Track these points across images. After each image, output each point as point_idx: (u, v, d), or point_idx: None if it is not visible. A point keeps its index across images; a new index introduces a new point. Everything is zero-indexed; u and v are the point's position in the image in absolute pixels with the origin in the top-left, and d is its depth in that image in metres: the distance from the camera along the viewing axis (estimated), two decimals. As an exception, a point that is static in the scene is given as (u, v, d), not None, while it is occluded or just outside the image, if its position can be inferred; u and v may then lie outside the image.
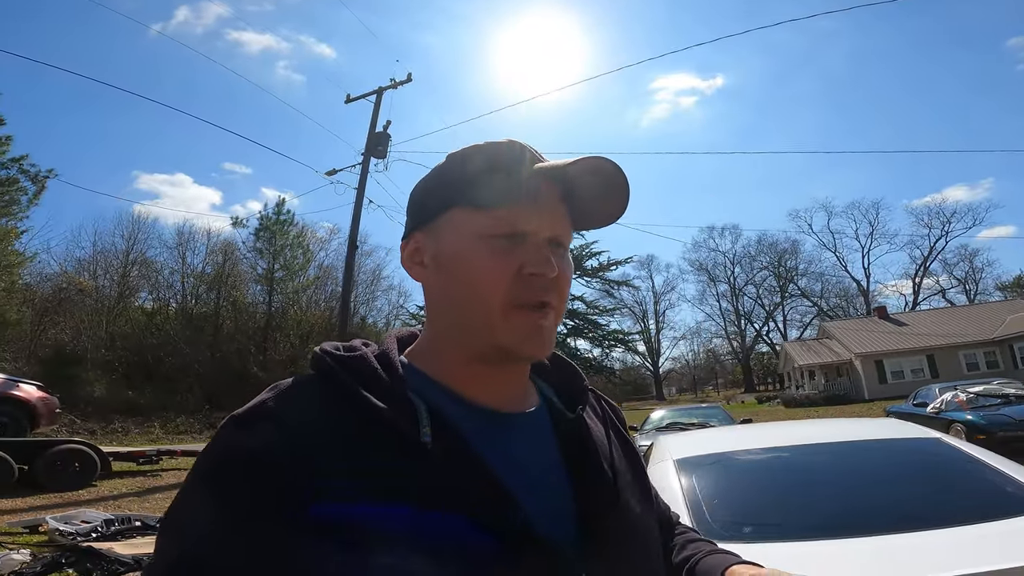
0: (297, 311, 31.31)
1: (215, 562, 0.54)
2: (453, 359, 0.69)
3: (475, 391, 0.68)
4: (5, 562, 4.21)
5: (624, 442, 0.82)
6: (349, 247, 14.27)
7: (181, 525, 0.58)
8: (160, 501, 8.21)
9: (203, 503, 0.57)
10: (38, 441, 9.01)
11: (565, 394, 0.78)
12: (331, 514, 0.54)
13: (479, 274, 0.66)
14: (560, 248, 0.70)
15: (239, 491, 0.55)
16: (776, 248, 55.46)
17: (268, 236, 30.65)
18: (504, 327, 0.65)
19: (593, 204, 0.72)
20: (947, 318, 32.99)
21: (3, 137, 20.66)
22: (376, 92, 14.99)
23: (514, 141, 0.71)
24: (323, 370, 0.65)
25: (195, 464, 0.60)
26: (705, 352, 68.67)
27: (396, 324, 35.97)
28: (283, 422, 0.59)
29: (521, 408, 0.72)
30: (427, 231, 0.71)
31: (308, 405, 0.61)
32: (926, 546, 1.74)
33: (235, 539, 0.54)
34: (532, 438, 0.70)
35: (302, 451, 0.56)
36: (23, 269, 23.76)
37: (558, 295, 0.68)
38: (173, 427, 21.38)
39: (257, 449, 0.57)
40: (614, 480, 0.72)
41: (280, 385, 0.64)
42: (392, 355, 0.68)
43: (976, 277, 50.38)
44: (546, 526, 0.62)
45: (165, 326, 27.96)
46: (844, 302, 54.20)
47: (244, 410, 0.61)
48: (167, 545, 0.58)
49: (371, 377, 0.63)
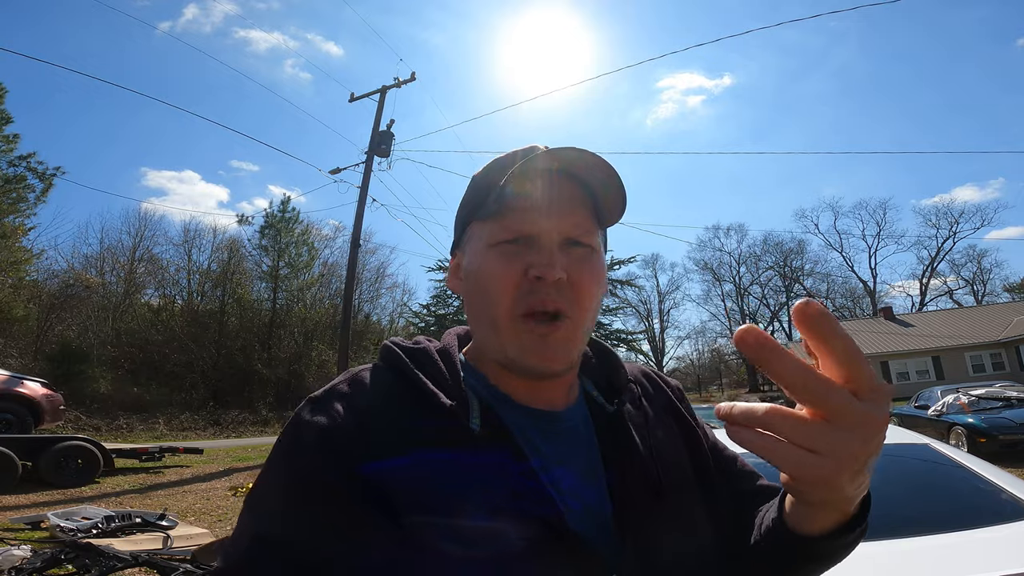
0: (301, 308, 31.39)
1: (289, 537, 0.58)
2: (492, 365, 0.71)
3: (517, 392, 0.70)
4: (5, 558, 4.25)
5: (683, 424, 0.80)
6: (352, 245, 14.32)
7: (261, 501, 0.63)
8: (161, 498, 8.26)
9: (281, 479, 0.62)
10: (42, 438, 9.06)
11: (606, 387, 0.77)
12: (389, 490, 0.59)
13: (489, 281, 0.67)
14: (582, 248, 0.68)
15: (311, 468, 0.60)
16: (782, 248, 55.16)
17: (273, 233, 30.76)
18: (509, 338, 0.66)
19: (605, 198, 0.70)
20: (953, 319, 32.81)
21: (11, 135, 20.88)
22: (380, 91, 15.04)
23: (531, 146, 0.71)
24: (390, 360, 0.71)
25: (276, 442, 0.65)
26: (710, 352, 68.37)
27: (400, 322, 36.03)
28: (353, 405, 0.64)
29: (562, 405, 0.72)
30: (461, 248, 0.76)
31: (376, 391, 0.67)
32: (911, 552, 1.74)
33: (308, 513, 0.59)
34: (571, 434, 0.70)
35: (368, 432, 0.62)
36: (30, 266, 23.95)
37: (574, 302, 0.66)
38: (177, 423, 21.49)
39: (329, 428, 0.62)
40: (658, 475, 0.69)
41: (352, 371, 0.70)
42: (452, 351, 0.73)
43: (984, 278, 49.97)
44: (581, 521, 0.63)
45: (170, 323, 28.09)
46: (850, 303, 53.92)
47: (319, 393, 0.67)
48: (248, 519, 0.63)
49: (432, 369, 0.69)
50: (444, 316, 23.51)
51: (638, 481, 0.68)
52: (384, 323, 37.23)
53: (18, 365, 17.40)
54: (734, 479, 0.80)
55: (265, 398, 26.10)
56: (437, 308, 24.87)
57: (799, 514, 0.58)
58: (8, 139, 20.92)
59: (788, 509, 0.59)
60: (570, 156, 0.66)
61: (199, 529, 6.01)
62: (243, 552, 0.60)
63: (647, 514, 0.66)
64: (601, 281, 0.69)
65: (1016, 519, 1.90)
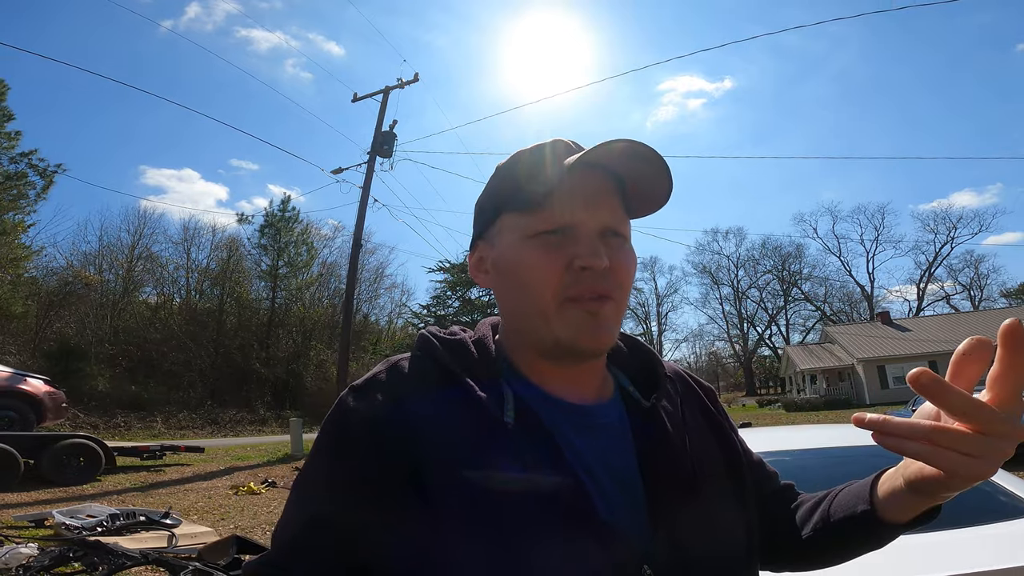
0: (300, 308, 31.37)
1: (336, 519, 0.63)
2: (526, 357, 0.73)
3: (552, 384, 0.71)
4: (12, 556, 4.27)
5: (716, 426, 0.81)
6: (353, 245, 14.33)
7: (307, 485, 0.67)
8: (163, 496, 8.27)
9: (326, 465, 0.66)
10: (44, 435, 9.05)
11: (642, 381, 0.78)
12: (427, 477, 0.61)
13: (531, 273, 0.68)
14: (618, 238, 0.70)
15: (355, 454, 0.64)
16: (780, 252, 55.33)
17: (273, 233, 30.74)
18: (559, 321, 0.67)
19: (642, 189, 0.72)
20: (950, 324, 32.92)
21: (12, 132, 20.81)
22: (383, 92, 15.05)
23: (557, 140, 0.73)
24: (427, 350, 0.73)
25: (320, 429, 0.69)
26: (707, 355, 68.53)
27: (399, 322, 36.04)
28: (393, 393, 0.67)
29: (597, 399, 0.73)
30: (486, 240, 0.76)
31: (415, 379, 0.69)
32: (914, 548, 1.79)
33: (352, 497, 0.62)
34: (606, 429, 0.71)
35: (408, 419, 0.64)
36: (29, 262, 23.91)
37: (617, 286, 0.68)
38: (175, 422, 21.46)
39: (370, 416, 0.65)
40: (692, 469, 0.71)
41: (391, 360, 0.73)
42: (488, 342, 0.74)
43: (981, 283, 50.16)
44: (614, 512, 0.64)
45: (169, 321, 28.05)
46: (848, 307, 54.07)
47: (361, 381, 0.70)
48: (296, 503, 0.67)
49: (468, 359, 0.71)
50: (444, 317, 23.53)
51: (672, 476, 0.69)
52: (383, 323, 37.25)
53: (16, 362, 17.36)
54: (763, 480, 0.85)
55: (263, 397, 26.06)
56: (437, 309, 24.90)
57: (898, 505, 0.65)
58: (9, 136, 20.90)
59: (882, 499, 0.67)
60: (612, 148, 0.66)
61: (203, 527, 6.02)
62: (296, 533, 0.64)
63: (680, 508, 0.67)
64: (634, 268, 0.72)
65: (1015, 517, 1.97)
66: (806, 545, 0.76)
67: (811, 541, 0.76)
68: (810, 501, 0.80)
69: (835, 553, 0.75)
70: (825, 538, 0.74)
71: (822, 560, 0.78)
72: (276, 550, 0.67)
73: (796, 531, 0.78)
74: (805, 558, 0.79)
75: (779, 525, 0.80)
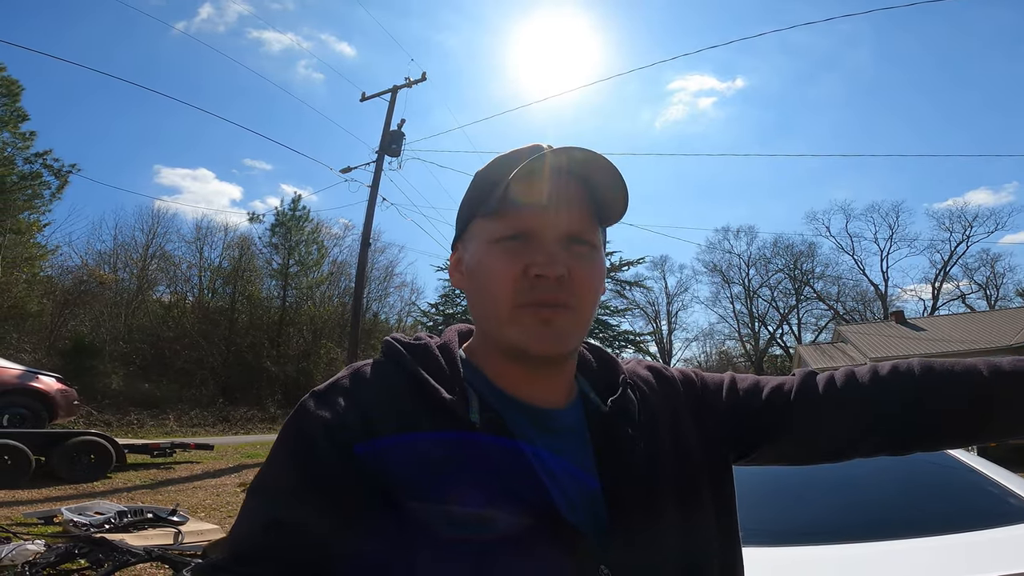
0: (311, 306, 31.55)
1: (294, 522, 0.61)
2: (493, 360, 0.73)
3: (516, 388, 0.72)
4: (20, 552, 4.31)
5: (700, 417, 0.80)
6: (362, 244, 14.39)
7: (265, 489, 0.66)
8: (172, 494, 8.34)
9: (284, 469, 0.65)
10: (55, 432, 9.15)
11: (603, 387, 0.78)
12: (389, 478, 0.62)
13: (489, 278, 0.69)
14: (584, 245, 0.70)
15: (314, 458, 0.63)
16: (792, 250, 54.66)
17: (284, 232, 30.90)
18: (512, 326, 0.68)
19: (608, 197, 0.71)
20: (965, 324, 32.49)
21: (27, 132, 21.08)
22: (391, 91, 15.09)
23: (535, 145, 0.73)
24: (392, 355, 0.73)
25: (279, 433, 0.68)
26: (718, 354, 67.96)
27: (408, 321, 36.13)
28: (356, 398, 0.67)
29: (560, 404, 0.74)
30: (462, 243, 0.77)
31: (378, 385, 0.69)
32: (922, 552, 1.77)
33: (311, 501, 0.62)
34: (567, 432, 0.72)
35: (370, 423, 0.64)
36: (44, 261, 24.23)
37: (574, 295, 0.68)
38: (187, 420, 21.65)
39: (331, 419, 0.64)
40: (651, 472, 0.71)
41: (354, 365, 0.72)
42: (452, 347, 0.75)
43: (997, 282, 49.26)
44: (574, 512, 0.65)
45: (181, 319, 28.31)
46: (861, 306, 53.43)
47: (323, 386, 0.69)
48: (253, 507, 0.65)
49: (433, 364, 0.71)
50: (452, 315, 23.57)
51: (630, 480, 0.70)
52: (392, 322, 37.36)
53: (31, 360, 17.59)
54: (799, 399, 0.80)
55: (274, 395, 26.23)
56: (445, 307, 24.95)
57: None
58: (24, 136, 21.15)
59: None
60: (573, 156, 0.68)
61: (210, 525, 6.06)
62: (254, 537, 0.62)
63: (638, 510, 0.68)
64: (601, 277, 0.72)
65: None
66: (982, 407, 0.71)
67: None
68: (933, 375, 0.74)
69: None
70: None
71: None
72: (229, 555, 0.64)
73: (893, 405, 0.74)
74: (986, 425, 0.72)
75: (824, 417, 0.77)
